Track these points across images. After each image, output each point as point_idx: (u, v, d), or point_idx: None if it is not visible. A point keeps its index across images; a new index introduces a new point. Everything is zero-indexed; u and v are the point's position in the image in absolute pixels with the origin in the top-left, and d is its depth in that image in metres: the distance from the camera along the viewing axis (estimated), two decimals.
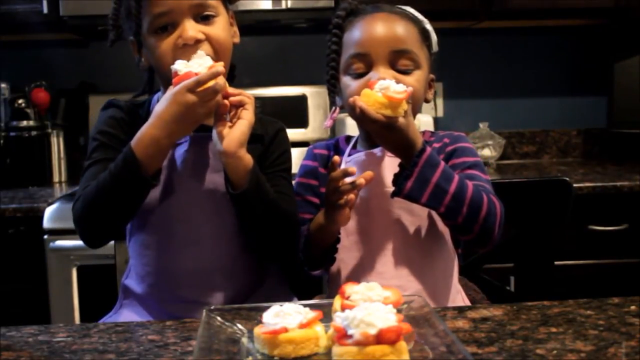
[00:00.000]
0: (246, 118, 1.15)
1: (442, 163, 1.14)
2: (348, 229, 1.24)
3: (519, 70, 2.84)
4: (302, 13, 2.38)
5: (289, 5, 2.32)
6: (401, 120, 1.11)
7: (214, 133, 1.15)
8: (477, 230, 1.14)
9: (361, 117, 1.12)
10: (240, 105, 1.16)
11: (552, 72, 2.85)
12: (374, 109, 1.10)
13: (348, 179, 1.13)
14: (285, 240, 1.24)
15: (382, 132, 1.13)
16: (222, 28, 1.21)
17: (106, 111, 1.29)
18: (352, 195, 1.13)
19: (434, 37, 1.30)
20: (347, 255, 1.26)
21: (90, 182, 1.16)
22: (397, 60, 1.22)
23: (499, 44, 2.82)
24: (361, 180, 1.13)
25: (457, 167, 1.23)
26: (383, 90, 1.10)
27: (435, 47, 1.31)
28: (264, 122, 1.32)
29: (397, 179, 1.15)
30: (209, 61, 1.13)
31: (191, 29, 1.17)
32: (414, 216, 1.24)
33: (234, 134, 1.14)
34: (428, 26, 1.30)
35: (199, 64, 1.11)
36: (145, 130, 1.11)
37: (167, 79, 1.15)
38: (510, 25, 2.68)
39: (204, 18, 1.20)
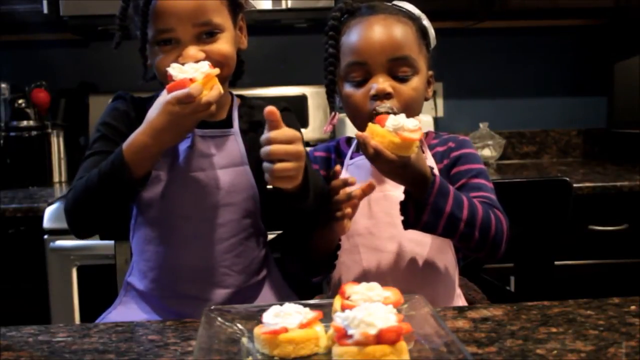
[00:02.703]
0: (298, 171, 1.05)
1: (452, 189, 1.12)
2: (350, 232, 1.23)
3: (519, 70, 2.84)
4: (302, 13, 2.39)
5: (289, 5, 2.32)
6: (413, 157, 1.07)
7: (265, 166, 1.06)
8: (486, 249, 1.15)
9: (374, 157, 1.07)
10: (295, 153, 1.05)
11: (552, 72, 2.85)
12: (389, 149, 1.05)
13: (347, 189, 1.12)
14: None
15: (395, 170, 1.09)
16: (225, 43, 1.20)
17: (113, 103, 1.30)
18: (349, 209, 1.12)
19: (431, 32, 1.28)
20: (348, 258, 1.25)
21: (85, 173, 1.17)
22: (396, 68, 1.20)
23: (499, 44, 2.82)
24: (357, 192, 1.12)
25: (463, 175, 1.23)
26: (397, 129, 1.05)
27: (433, 42, 1.29)
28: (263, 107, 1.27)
29: (405, 209, 1.13)
30: (205, 66, 1.11)
31: (191, 49, 1.16)
32: None
33: (290, 184, 1.07)
34: (425, 22, 1.28)
35: (194, 69, 1.10)
36: (136, 135, 1.11)
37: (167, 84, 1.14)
38: (510, 25, 2.68)
39: (208, 34, 1.18)
